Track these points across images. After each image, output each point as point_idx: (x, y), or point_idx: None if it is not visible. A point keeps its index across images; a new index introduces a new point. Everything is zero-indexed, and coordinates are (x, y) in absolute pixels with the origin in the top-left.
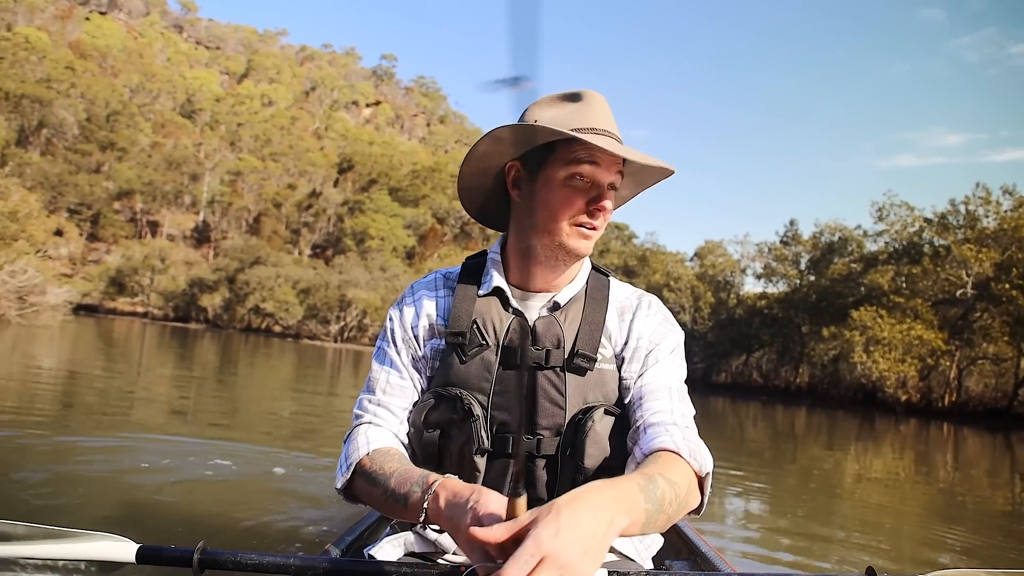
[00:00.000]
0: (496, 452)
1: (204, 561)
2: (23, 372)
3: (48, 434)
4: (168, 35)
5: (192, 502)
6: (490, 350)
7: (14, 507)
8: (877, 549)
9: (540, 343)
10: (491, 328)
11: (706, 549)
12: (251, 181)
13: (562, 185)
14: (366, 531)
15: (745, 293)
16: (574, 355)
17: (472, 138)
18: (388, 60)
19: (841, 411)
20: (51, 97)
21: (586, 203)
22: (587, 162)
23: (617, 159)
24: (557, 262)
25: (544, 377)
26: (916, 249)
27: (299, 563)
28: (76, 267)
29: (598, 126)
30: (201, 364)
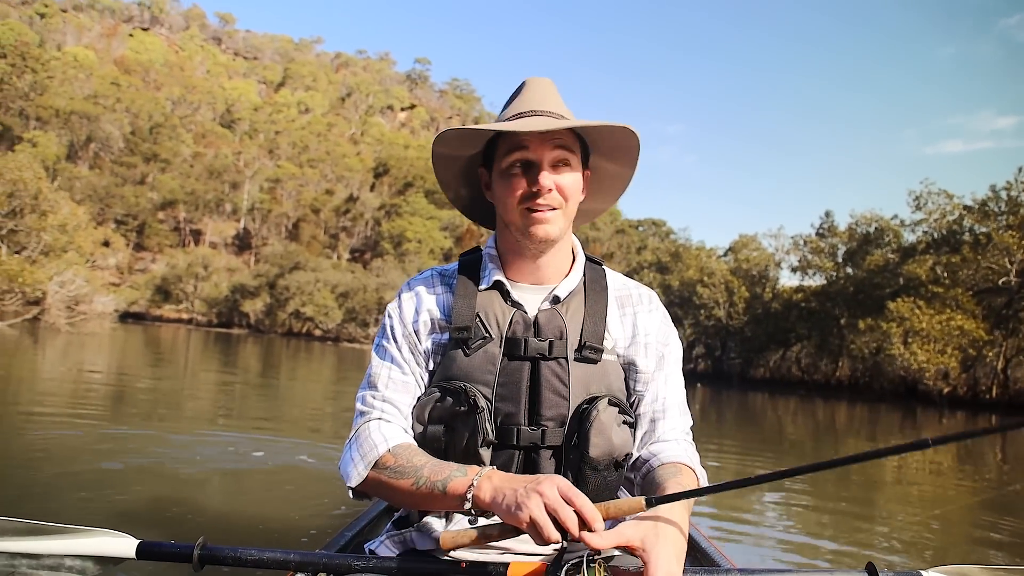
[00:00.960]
0: (501, 443)
1: (204, 557)
2: (75, 375)
3: (90, 428)
4: (207, 48)
5: (195, 498)
6: (493, 343)
7: (36, 502)
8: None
9: (543, 335)
10: (494, 321)
11: (706, 545)
12: (290, 188)
13: (505, 175)
14: (366, 527)
15: (781, 287)
16: (582, 347)
17: None
18: (422, 64)
19: (883, 405)
20: (98, 112)
21: (527, 186)
22: (516, 147)
23: (550, 136)
24: (531, 251)
25: (548, 368)
26: (956, 238)
27: (299, 558)
28: (123, 276)
29: (525, 109)
30: (244, 368)
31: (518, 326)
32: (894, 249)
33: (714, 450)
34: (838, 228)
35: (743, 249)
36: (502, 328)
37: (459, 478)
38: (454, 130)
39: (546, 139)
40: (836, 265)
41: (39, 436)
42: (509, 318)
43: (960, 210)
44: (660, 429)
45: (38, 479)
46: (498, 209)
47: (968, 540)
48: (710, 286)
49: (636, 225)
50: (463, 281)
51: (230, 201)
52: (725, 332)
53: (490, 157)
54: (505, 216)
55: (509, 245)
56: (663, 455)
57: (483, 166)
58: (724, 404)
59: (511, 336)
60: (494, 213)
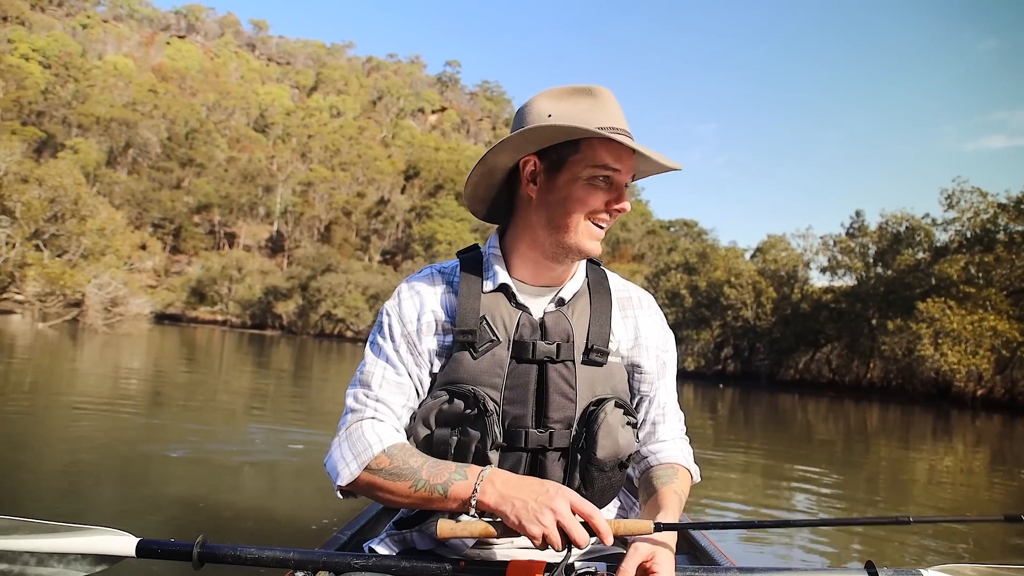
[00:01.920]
0: (509, 446)
1: (204, 555)
2: (114, 372)
3: (104, 424)
4: (241, 54)
5: (196, 496)
6: (501, 346)
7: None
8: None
9: (550, 338)
10: (501, 324)
11: (705, 544)
12: (322, 191)
13: (585, 184)
14: (366, 525)
15: (809, 287)
16: (589, 349)
17: None
18: (452, 66)
19: (916, 407)
20: (136, 119)
21: (605, 203)
22: (612, 165)
23: (632, 160)
24: (565, 259)
25: (555, 371)
26: (990, 236)
27: (298, 557)
28: (160, 279)
29: (617, 125)
30: (276, 368)
31: (525, 329)
32: (925, 249)
33: (741, 451)
34: (868, 228)
35: (771, 250)
36: (509, 331)
37: (460, 482)
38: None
39: (630, 163)
40: (866, 265)
41: (58, 430)
42: (516, 321)
43: (994, 208)
44: (660, 431)
45: (45, 476)
46: (550, 210)
47: (979, 542)
48: (737, 287)
49: (667, 226)
50: (467, 281)
51: (263, 204)
52: (753, 333)
53: (555, 153)
54: (562, 220)
55: (532, 246)
56: (661, 455)
57: (535, 156)
58: (753, 405)
59: (518, 339)
60: (506, 208)
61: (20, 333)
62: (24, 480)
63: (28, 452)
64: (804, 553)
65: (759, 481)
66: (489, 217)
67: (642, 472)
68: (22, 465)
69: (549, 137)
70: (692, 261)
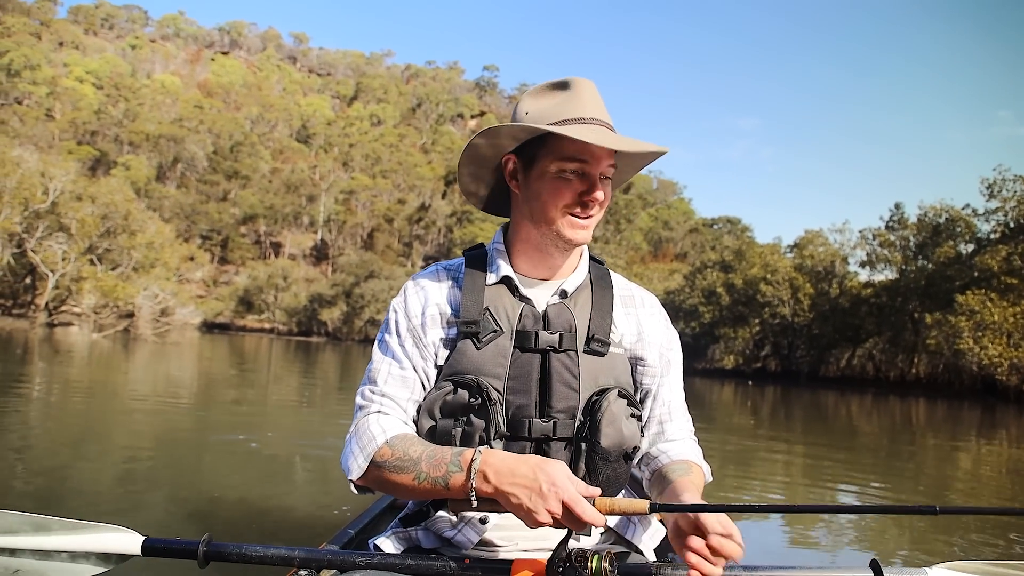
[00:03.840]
0: (513, 435)
1: (209, 553)
2: (155, 378)
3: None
4: (283, 67)
5: (202, 494)
6: (504, 336)
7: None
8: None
9: (553, 328)
10: (504, 315)
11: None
12: (363, 199)
13: (554, 178)
14: (370, 523)
15: (848, 282)
16: (590, 339)
17: None
18: (490, 71)
19: (965, 402)
20: (183, 135)
21: (578, 195)
22: (577, 156)
23: (608, 151)
24: (556, 250)
25: (558, 360)
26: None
27: (304, 555)
28: (209, 289)
29: (586, 115)
30: (322, 374)
31: (528, 319)
32: (967, 240)
33: (782, 449)
34: (908, 220)
35: (808, 245)
36: (512, 321)
37: (457, 475)
38: (526, 126)
39: (603, 152)
40: (905, 258)
41: (79, 432)
42: (519, 312)
43: None
44: (669, 431)
45: (57, 474)
46: (530, 205)
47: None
48: (773, 283)
49: (710, 223)
50: (470, 275)
51: (307, 214)
52: (791, 330)
53: (528, 150)
54: (541, 215)
55: (526, 240)
56: (672, 452)
57: (514, 154)
58: (794, 402)
59: (521, 329)
60: (507, 202)
61: (77, 344)
62: (39, 478)
63: (46, 452)
64: (808, 551)
65: (790, 473)
66: (489, 209)
67: (654, 471)
68: (37, 464)
69: (514, 136)
70: (728, 259)
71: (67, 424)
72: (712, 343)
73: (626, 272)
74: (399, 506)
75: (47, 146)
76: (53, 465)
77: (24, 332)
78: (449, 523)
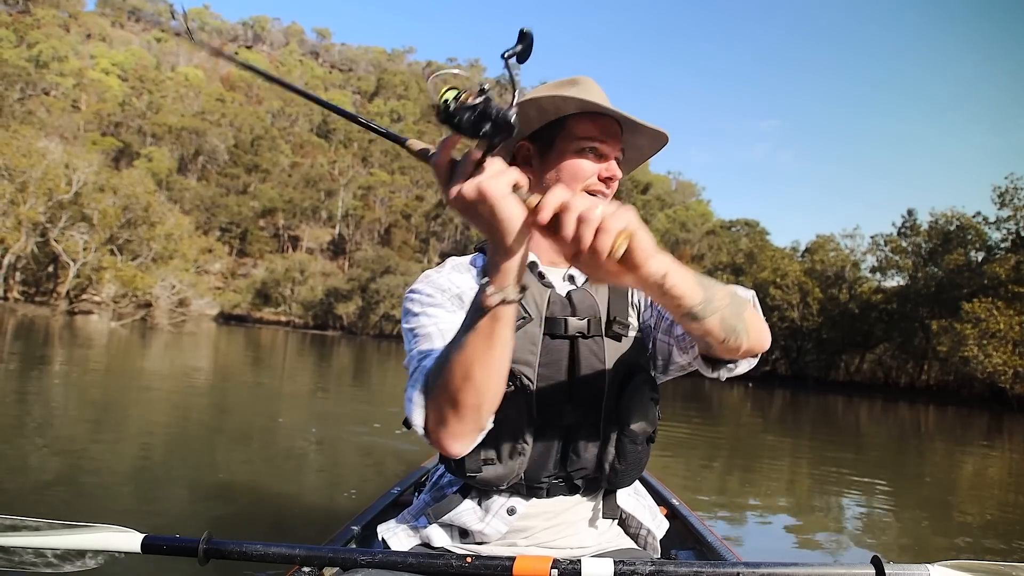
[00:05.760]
0: (543, 422)
1: (210, 551)
2: (179, 368)
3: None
4: (306, 62)
5: (203, 492)
6: (534, 323)
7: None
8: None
9: (580, 313)
10: (532, 301)
11: (712, 539)
12: (381, 194)
13: (573, 157)
14: (374, 519)
15: (859, 287)
16: (611, 323)
17: None
18: (511, 68)
19: (973, 410)
20: (205, 128)
21: (596, 173)
22: (596, 137)
23: (619, 137)
24: None
25: (585, 346)
26: None
27: (305, 553)
28: (227, 281)
29: (600, 102)
30: (337, 367)
31: (555, 305)
32: (977, 248)
33: (787, 452)
34: (921, 227)
35: (819, 250)
36: (540, 308)
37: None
38: (571, 98)
39: (616, 137)
40: (916, 265)
41: (83, 430)
42: (546, 298)
43: None
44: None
45: (54, 475)
46: (547, 188)
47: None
48: (783, 287)
49: (729, 226)
50: None
51: (325, 208)
52: (799, 333)
53: (545, 134)
54: None
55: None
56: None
57: (528, 140)
58: (801, 407)
59: (550, 316)
60: None
61: (96, 332)
62: (30, 480)
63: (58, 443)
64: (811, 548)
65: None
66: None
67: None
68: (30, 466)
69: (536, 119)
70: (740, 262)
71: (82, 410)
72: None
73: None
74: (404, 502)
75: (72, 137)
76: (63, 460)
77: (46, 319)
78: (475, 515)
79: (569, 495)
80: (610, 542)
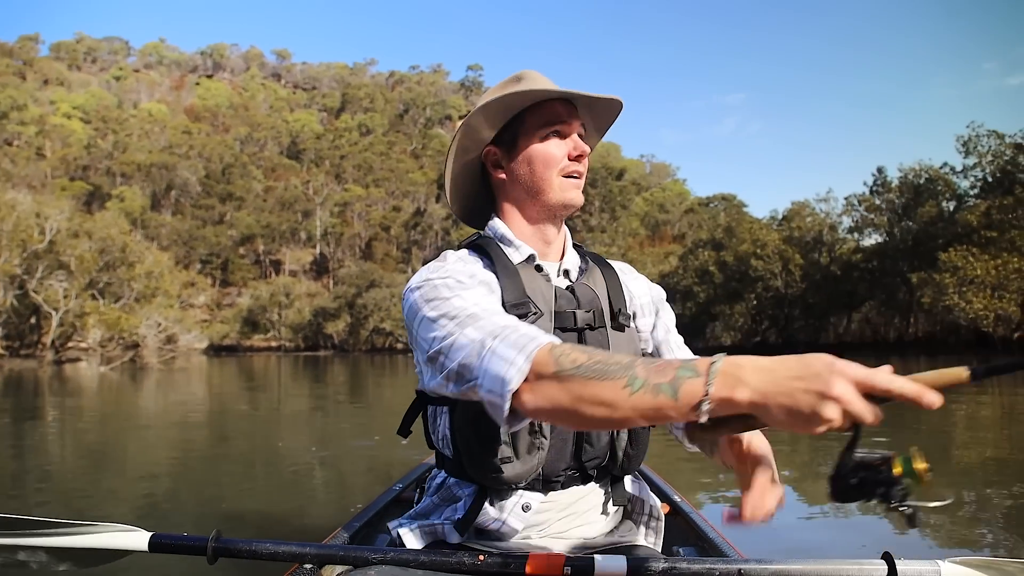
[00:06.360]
0: None
1: (219, 549)
2: (173, 402)
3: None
4: (268, 85)
5: (212, 491)
6: (544, 318)
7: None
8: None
9: (585, 306)
10: (540, 296)
11: (713, 535)
12: (358, 209)
13: (540, 144)
14: (376, 516)
15: (839, 249)
16: (616, 314)
17: None
18: (475, 70)
19: (965, 357)
20: (174, 161)
21: (566, 153)
22: (555, 120)
23: (574, 113)
24: (554, 223)
25: (592, 338)
26: (1009, 179)
27: (315, 551)
28: (214, 312)
29: (549, 88)
30: (333, 386)
31: (563, 300)
32: (947, 198)
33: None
34: (892, 183)
35: (795, 217)
36: (548, 302)
37: (691, 379)
38: (519, 92)
39: (574, 116)
40: (891, 221)
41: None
42: (552, 292)
43: (1012, 150)
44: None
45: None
46: (523, 181)
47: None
48: (764, 258)
49: (706, 202)
50: (497, 257)
51: (304, 229)
52: (784, 300)
53: (507, 134)
54: (538, 183)
55: (522, 220)
56: None
57: (492, 144)
58: None
59: (559, 310)
60: (481, 210)
61: (86, 377)
62: (56, 495)
63: (62, 470)
64: (821, 542)
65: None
66: (475, 223)
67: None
68: (53, 482)
69: (493, 115)
70: (719, 236)
71: (80, 447)
72: (710, 321)
73: (622, 260)
74: (406, 499)
75: (40, 185)
76: (69, 484)
77: (33, 371)
78: (490, 514)
79: (583, 485)
80: (619, 532)
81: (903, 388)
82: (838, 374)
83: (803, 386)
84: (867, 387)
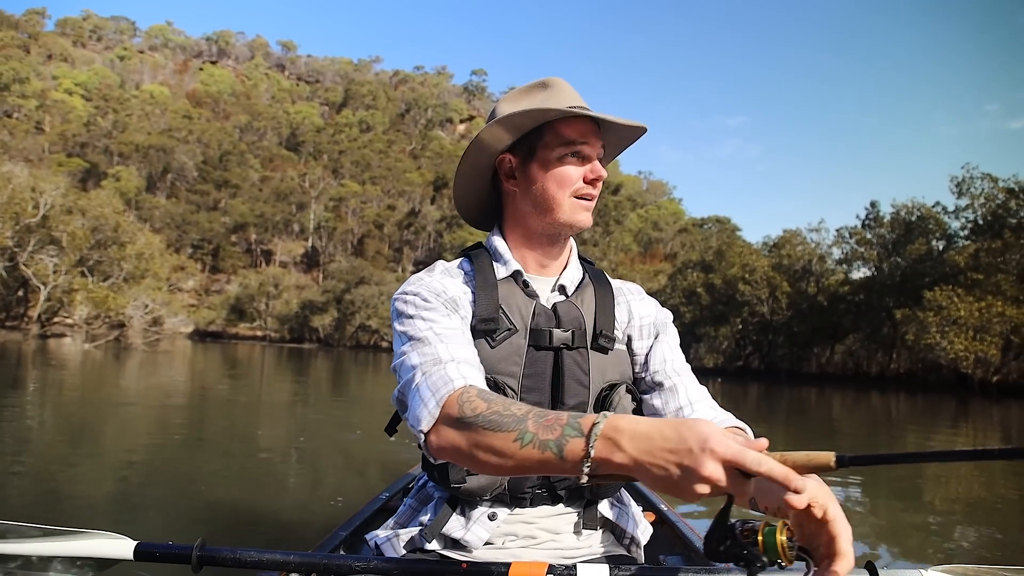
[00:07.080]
0: None
1: (203, 558)
2: (154, 386)
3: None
4: (272, 75)
5: (196, 498)
6: (519, 334)
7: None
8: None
9: (564, 325)
10: (517, 312)
11: (699, 544)
12: (353, 205)
13: (558, 164)
14: (362, 525)
15: (826, 280)
16: (597, 336)
17: None
18: (478, 75)
19: (944, 396)
20: (173, 145)
21: (582, 176)
22: (577, 140)
23: (599, 134)
24: (558, 241)
25: (570, 358)
26: (1000, 222)
27: (299, 559)
28: (201, 298)
29: (574, 104)
30: (315, 380)
31: (540, 317)
32: (938, 237)
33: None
34: (884, 218)
35: (786, 244)
36: (525, 319)
37: (575, 439)
38: (540, 110)
39: (596, 136)
40: (881, 256)
41: (68, 441)
42: (531, 309)
43: (1004, 194)
44: (690, 393)
45: (56, 483)
46: (533, 197)
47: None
48: (752, 283)
49: (700, 223)
50: (480, 271)
51: (297, 221)
52: (769, 327)
53: (525, 144)
54: (549, 203)
55: (526, 235)
56: (723, 423)
57: (509, 152)
58: (775, 400)
59: (535, 327)
60: (486, 214)
61: (70, 354)
62: (33, 486)
63: (41, 460)
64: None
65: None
66: (480, 224)
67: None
68: (32, 473)
69: (516, 127)
70: (709, 259)
71: (60, 431)
72: (694, 342)
73: (613, 275)
74: (391, 507)
75: (37, 159)
76: (47, 474)
77: (18, 344)
78: (458, 522)
79: (552, 505)
80: (598, 546)
81: (772, 470)
82: (709, 453)
83: (676, 459)
84: (737, 466)
